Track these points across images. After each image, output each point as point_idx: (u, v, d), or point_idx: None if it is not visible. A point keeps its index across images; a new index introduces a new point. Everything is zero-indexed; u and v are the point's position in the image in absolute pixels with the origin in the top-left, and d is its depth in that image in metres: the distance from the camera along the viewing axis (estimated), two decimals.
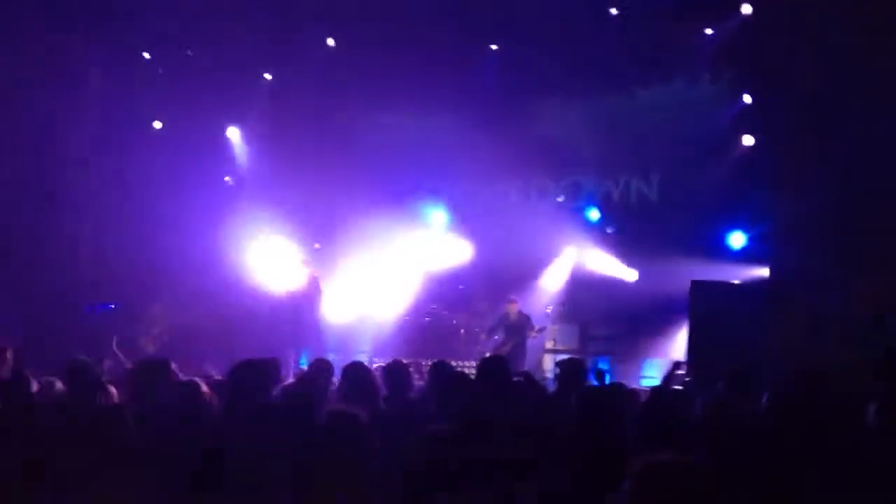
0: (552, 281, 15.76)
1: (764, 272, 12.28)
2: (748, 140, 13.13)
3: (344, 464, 3.42)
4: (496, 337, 14.27)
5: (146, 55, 15.46)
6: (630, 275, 15.00)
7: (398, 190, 16.75)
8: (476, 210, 16.90)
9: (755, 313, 11.48)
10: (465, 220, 16.90)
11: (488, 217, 16.71)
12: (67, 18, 13.99)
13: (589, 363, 12.84)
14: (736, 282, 12.74)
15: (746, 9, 12.42)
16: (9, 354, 6.71)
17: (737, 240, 13.51)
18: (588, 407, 4.62)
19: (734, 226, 13.58)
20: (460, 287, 16.43)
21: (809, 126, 10.96)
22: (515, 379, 6.91)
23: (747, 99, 13.36)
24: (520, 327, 13.99)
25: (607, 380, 9.06)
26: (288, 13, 14.74)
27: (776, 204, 11.71)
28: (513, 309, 14.12)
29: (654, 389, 6.33)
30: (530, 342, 14.16)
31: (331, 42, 14.88)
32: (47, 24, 13.61)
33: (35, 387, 6.54)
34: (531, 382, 6.80)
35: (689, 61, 13.71)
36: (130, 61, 15.53)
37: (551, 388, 8.67)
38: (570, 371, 6.64)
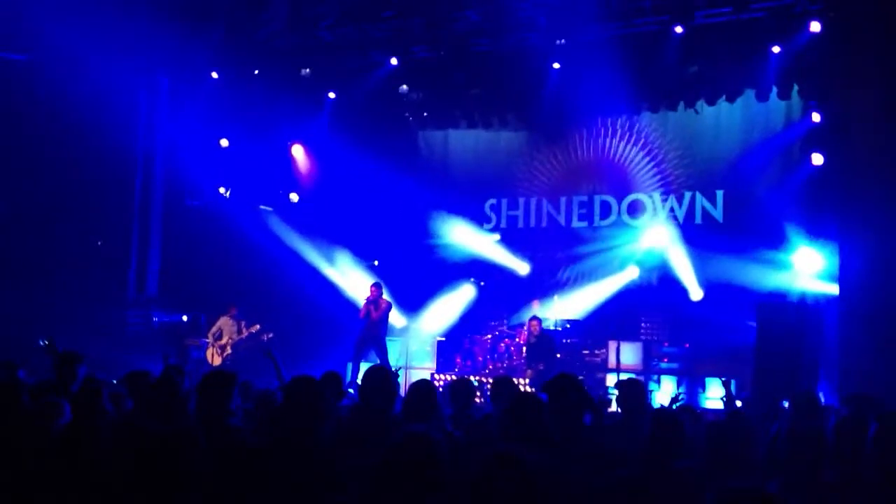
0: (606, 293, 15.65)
1: (833, 290, 11.98)
2: (817, 159, 12.90)
3: (416, 487, 3.40)
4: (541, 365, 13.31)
5: (214, 74, 15.73)
6: (695, 293, 14.83)
7: (459, 204, 16.83)
8: (539, 224, 16.92)
9: (824, 332, 11.29)
10: (526, 234, 16.91)
11: (549, 232, 16.73)
12: (137, 38, 14.28)
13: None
14: (804, 301, 12.54)
15: (815, 26, 12.19)
16: (80, 369, 6.63)
17: (804, 258, 13.25)
18: (658, 431, 4.55)
19: (802, 244, 13.33)
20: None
21: (880, 145, 10.70)
22: None
23: (816, 118, 13.13)
24: (543, 349, 13.55)
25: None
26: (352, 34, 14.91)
27: (846, 222, 11.43)
28: (535, 327, 13.72)
29: (728, 413, 6.21)
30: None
31: (394, 61, 14.99)
32: (117, 44, 13.88)
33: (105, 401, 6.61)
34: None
35: (756, 78, 13.48)
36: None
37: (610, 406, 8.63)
38: (630, 393, 6.54)
